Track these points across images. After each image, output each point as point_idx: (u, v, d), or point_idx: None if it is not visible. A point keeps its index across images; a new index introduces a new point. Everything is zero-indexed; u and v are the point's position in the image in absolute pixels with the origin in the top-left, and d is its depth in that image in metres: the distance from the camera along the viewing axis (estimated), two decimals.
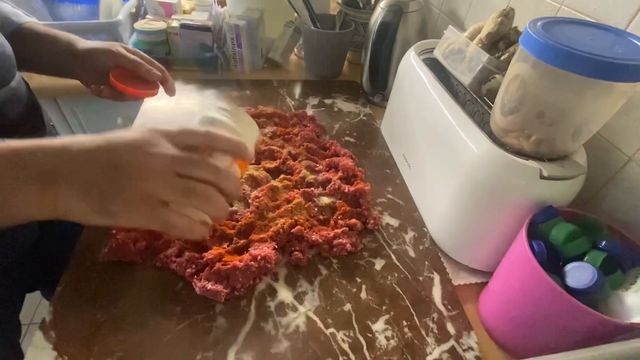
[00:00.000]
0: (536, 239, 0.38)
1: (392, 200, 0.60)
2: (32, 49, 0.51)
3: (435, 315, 0.45)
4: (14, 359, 0.56)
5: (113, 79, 0.50)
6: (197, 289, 0.43)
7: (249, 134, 0.40)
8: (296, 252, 0.48)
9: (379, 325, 0.44)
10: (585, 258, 0.37)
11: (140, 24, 0.84)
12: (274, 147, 0.63)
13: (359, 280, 0.48)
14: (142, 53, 0.54)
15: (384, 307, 0.45)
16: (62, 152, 0.29)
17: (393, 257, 0.51)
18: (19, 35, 0.50)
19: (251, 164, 0.61)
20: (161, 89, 0.56)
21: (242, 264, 0.44)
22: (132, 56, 0.51)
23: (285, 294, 0.46)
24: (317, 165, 0.61)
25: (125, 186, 0.29)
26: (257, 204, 0.52)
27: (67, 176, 0.28)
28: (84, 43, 0.52)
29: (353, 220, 0.53)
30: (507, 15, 0.49)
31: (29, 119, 0.52)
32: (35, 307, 1.30)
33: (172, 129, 0.32)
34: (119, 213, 0.29)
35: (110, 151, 0.29)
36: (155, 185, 0.29)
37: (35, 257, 0.58)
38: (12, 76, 0.48)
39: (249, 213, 0.51)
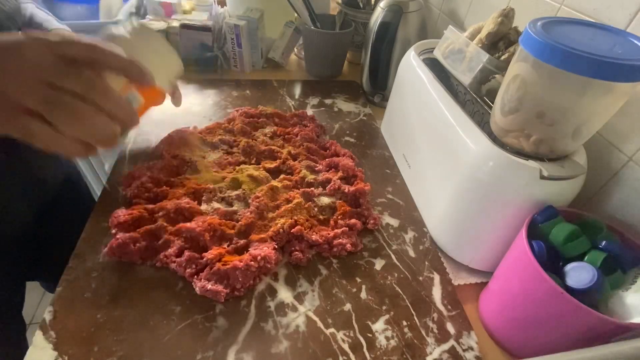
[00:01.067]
0: (536, 239, 0.38)
1: (392, 200, 0.60)
2: None
3: (435, 315, 0.45)
4: (16, 352, 0.56)
5: None
6: (197, 289, 0.43)
7: (163, 63, 0.34)
8: (296, 252, 0.48)
9: (379, 325, 0.44)
10: (585, 258, 0.37)
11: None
12: (274, 147, 0.63)
13: (359, 280, 0.48)
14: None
15: (384, 307, 0.45)
16: None
17: (393, 257, 0.51)
18: None
19: (251, 164, 0.61)
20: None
21: (242, 264, 0.44)
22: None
23: (285, 294, 0.46)
24: (317, 165, 0.61)
25: None
26: (257, 204, 0.52)
27: None
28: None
29: (353, 220, 0.53)
30: (507, 15, 0.49)
31: None
32: (35, 307, 1.30)
33: (55, 38, 0.29)
34: None
35: None
36: (16, 89, 0.28)
37: (31, 244, 0.59)
38: None
39: (249, 213, 0.51)
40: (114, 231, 0.47)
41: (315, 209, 0.54)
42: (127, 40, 0.32)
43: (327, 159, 0.62)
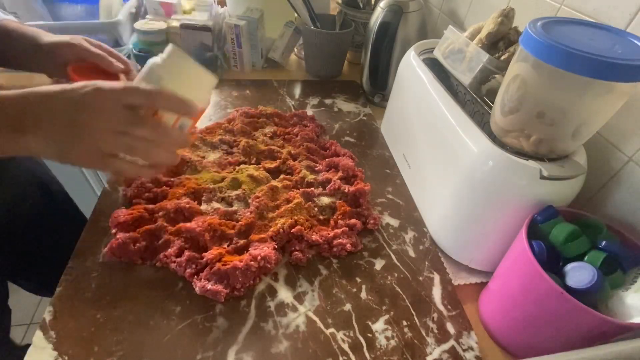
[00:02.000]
0: (536, 239, 0.38)
1: (392, 200, 0.60)
2: (3, 46, 0.52)
3: (435, 315, 0.45)
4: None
5: (71, 72, 0.49)
6: (197, 289, 0.43)
7: (199, 82, 0.40)
8: (296, 252, 0.48)
9: (379, 325, 0.44)
10: (585, 258, 0.37)
11: (140, 24, 0.84)
12: (274, 147, 0.63)
13: (359, 280, 0.48)
14: (106, 46, 0.53)
15: (384, 307, 0.45)
16: (29, 104, 0.34)
17: (393, 257, 0.51)
18: None
19: (251, 164, 0.61)
20: None
21: (242, 264, 0.44)
22: (94, 49, 0.51)
23: (285, 294, 0.46)
24: (317, 165, 0.61)
25: (77, 142, 0.35)
26: (257, 204, 0.52)
27: (36, 131, 0.34)
28: (48, 37, 0.52)
29: (353, 220, 0.53)
30: (507, 15, 0.49)
31: None
32: (35, 307, 1.30)
33: (117, 87, 0.35)
34: (77, 161, 0.36)
35: (64, 109, 0.34)
36: (101, 142, 0.35)
37: (8, 244, 0.59)
38: None
39: (249, 213, 0.51)
40: (114, 231, 0.47)
41: (315, 209, 0.54)
42: (166, 67, 0.38)
43: (327, 159, 0.62)
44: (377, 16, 0.75)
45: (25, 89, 0.35)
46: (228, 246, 0.48)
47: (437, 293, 0.48)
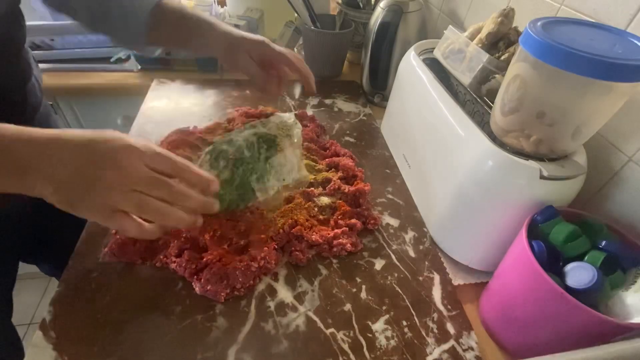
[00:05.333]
0: (536, 239, 0.38)
1: (392, 200, 0.60)
2: (175, 26, 0.56)
3: (435, 315, 0.45)
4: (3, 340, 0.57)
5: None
6: (197, 289, 0.43)
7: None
8: (296, 252, 0.48)
9: (379, 325, 0.44)
10: (585, 258, 0.37)
11: None
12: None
13: (359, 280, 0.48)
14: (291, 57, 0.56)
15: (384, 307, 0.45)
16: (41, 147, 0.33)
17: (393, 257, 0.51)
18: (158, 12, 0.54)
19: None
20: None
21: (242, 264, 0.44)
22: (279, 48, 0.55)
23: (285, 294, 0.46)
24: (317, 165, 0.61)
25: (89, 194, 0.33)
26: (257, 203, 0.52)
27: (43, 173, 0.32)
28: (233, 29, 0.56)
29: (353, 220, 0.53)
30: (507, 15, 0.49)
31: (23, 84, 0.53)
32: (35, 307, 1.30)
33: (148, 149, 0.35)
34: (83, 212, 0.34)
35: (84, 160, 0.33)
36: (114, 198, 0.33)
37: (30, 229, 0.60)
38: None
39: (249, 213, 0.51)
40: (114, 231, 0.47)
41: (315, 209, 0.54)
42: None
43: (327, 159, 0.62)
44: (377, 16, 0.75)
45: (47, 133, 0.33)
46: (228, 246, 0.48)
47: (437, 293, 0.48)
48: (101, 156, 0.33)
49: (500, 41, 0.50)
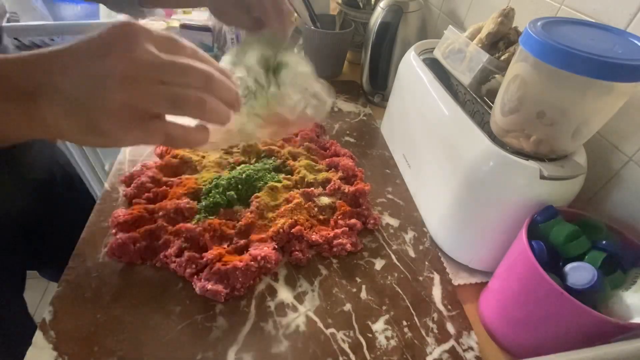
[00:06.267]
0: (536, 239, 0.38)
1: (392, 200, 0.60)
2: None
3: (435, 315, 0.45)
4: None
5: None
6: (197, 289, 0.43)
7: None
8: (296, 252, 0.48)
9: (379, 325, 0.44)
10: (585, 258, 0.37)
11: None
12: (274, 147, 0.63)
13: (359, 280, 0.48)
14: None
15: (384, 307, 0.45)
16: (37, 63, 0.26)
17: (393, 257, 0.51)
18: None
19: (251, 164, 0.61)
20: None
21: (242, 264, 0.44)
22: None
23: (285, 294, 0.46)
24: (317, 165, 0.61)
25: (109, 99, 0.26)
26: (257, 204, 0.52)
27: (48, 92, 0.26)
28: None
29: (353, 220, 0.53)
30: (507, 15, 0.49)
31: None
32: (35, 307, 1.30)
33: (157, 32, 0.28)
34: (111, 131, 0.27)
35: (86, 60, 0.26)
36: (140, 96, 0.26)
37: (30, 235, 0.59)
38: None
39: (249, 213, 0.51)
40: (114, 231, 0.47)
41: (315, 209, 0.54)
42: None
43: (327, 159, 0.62)
44: (377, 16, 0.75)
45: (42, 50, 0.26)
46: (228, 246, 0.48)
47: (437, 293, 0.48)
48: (99, 50, 0.26)
49: (500, 41, 0.50)
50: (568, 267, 0.37)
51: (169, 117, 0.29)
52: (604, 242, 0.38)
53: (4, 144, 0.28)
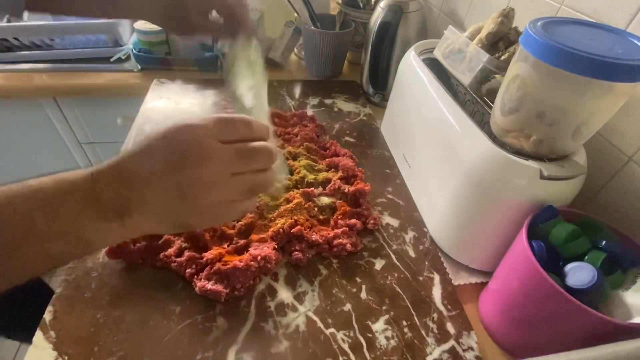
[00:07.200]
0: (536, 239, 0.38)
1: (392, 200, 0.60)
2: None
3: (435, 315, 0.45)
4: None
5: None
6: (197, 289, 0.43)
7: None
8: (296, 252, 0.48)
9: (379, 325, 0.44)
10: (585, 258, 0.37)
11: (140, 24, 0.84)
12: None
13: (359, 280, 0.48)
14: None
15: (384, 307, 0.45)
16: (122, 181, 0.29)
17: (393, 257, 0.51)
18: None
19: None
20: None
21: (242, 264, 0.44)
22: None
23: (285, 294, 0.46)
24: (317, 165, 0.61)
25: (195, 204, 0.30)
26: (257, 204, 0.52)
27: (139, 206, 0.29)
28: None
29: (353, 220, 0.53)
30: (507, 15, 0.49)
31: None
32: None
33: (210, 122, 0.30)
34: (200, 224, 0.32)
35: (166, 171, 0.29)
36: (220, 194, 0.30)
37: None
38: None
39: (249, 213, 0.51)
40: None
41: (315, 209, 0.54)
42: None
43: (327, 159, 0.62)
44: (377, 16, 0.75)
45: (122, 162, 0.29)
46: (228, 246, 0.48)
47: (437, 293, 0.48)
48: (179, 159, 0.29)
49: (500, 41, 0.50)
50: (568, 267, 0.37)
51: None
52: (604, 242, 0.38)
53: (85, 255, 0.32)
